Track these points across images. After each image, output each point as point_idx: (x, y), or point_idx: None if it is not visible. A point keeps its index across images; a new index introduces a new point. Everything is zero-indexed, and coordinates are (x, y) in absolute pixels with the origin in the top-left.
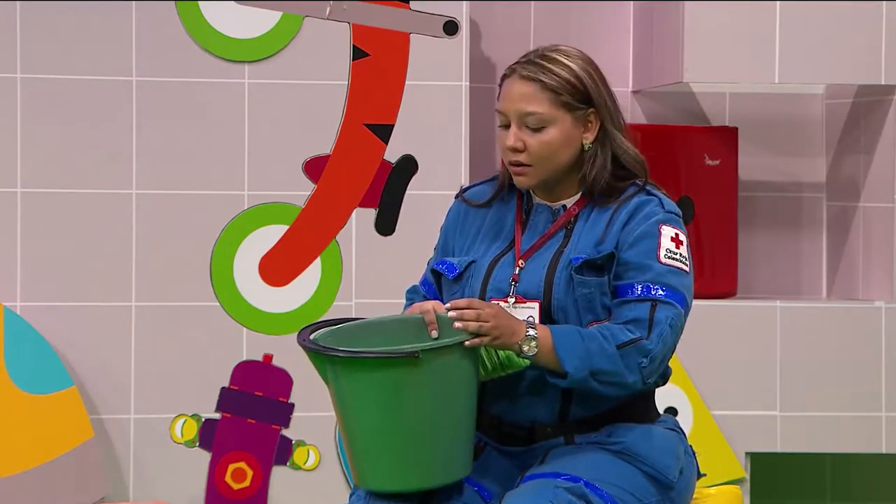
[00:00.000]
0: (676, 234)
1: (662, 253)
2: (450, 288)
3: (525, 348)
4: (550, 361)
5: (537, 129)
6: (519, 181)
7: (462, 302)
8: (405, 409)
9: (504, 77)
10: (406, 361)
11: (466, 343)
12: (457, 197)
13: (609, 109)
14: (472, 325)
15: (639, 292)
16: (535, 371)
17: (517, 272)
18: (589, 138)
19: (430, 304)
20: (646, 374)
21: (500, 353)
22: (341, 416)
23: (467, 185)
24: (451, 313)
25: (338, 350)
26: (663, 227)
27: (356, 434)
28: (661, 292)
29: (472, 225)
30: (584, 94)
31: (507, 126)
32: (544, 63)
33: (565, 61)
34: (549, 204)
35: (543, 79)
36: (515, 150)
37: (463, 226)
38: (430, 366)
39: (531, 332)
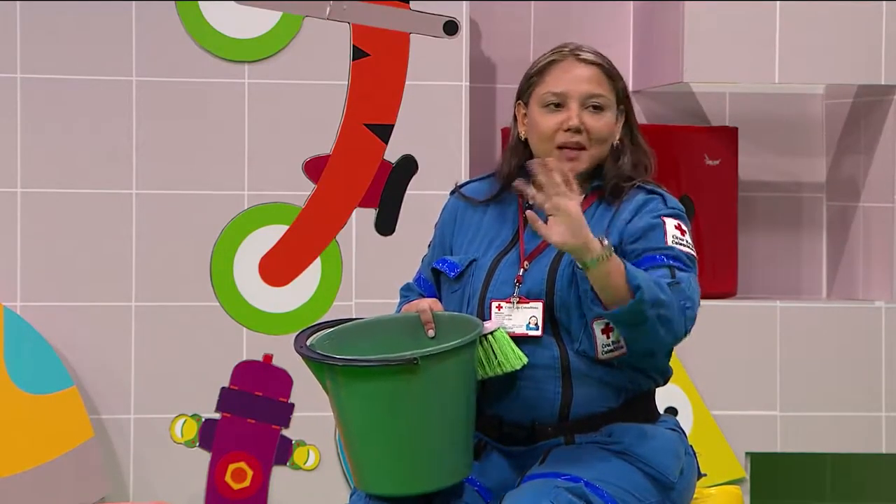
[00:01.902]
0: (679, 224)
1: (670, 239)
2: (450, 286)
3: (598, 253)
4: (617, 280)
5: (598, 113)
6: (573, 165)
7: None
8: (404, 414)
9: (552, 62)
10: (404, 368)
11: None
12: (452, 193)
13: (631, 110)
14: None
15: (653, 261)
16: (534, 370)
17: (521, 273)
18: (617, 136)
19: (426, 303)
20: (688, 318)
21: (498, 352)
22: (341, 423)
23: (463, 181)
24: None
25: (335, 358)
26: (666, 218)
27: (356, 440)
28: (674, 260)
29: (470, 222)
30: (624, 89)
31: (554, 106)
32: (596, 51)
33: (603, 56)
34: None
35: (603, 64)
36: (577, 131)
37: (461, 223)
38: (428, 371)
39: (606, 244)
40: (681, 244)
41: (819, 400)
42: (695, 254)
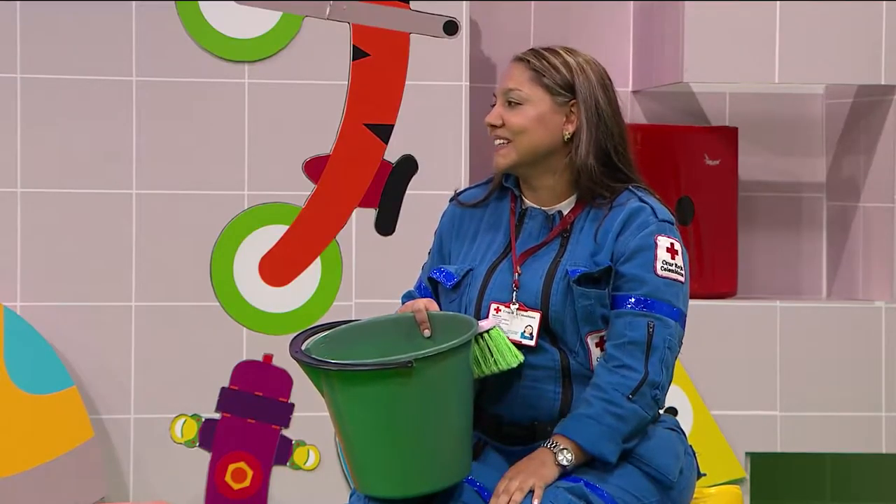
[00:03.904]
0: (672, 245)
1: (659, 265)
2: (448, 296)
3: (562, 461)
4: (587, 458)
5: (515, 106)
6: (496, 161)
7: (499, 490)
8: (401, 417)
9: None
10: (400, 371)
11: None
12: (451, 200)
13: (596, 107)
14: None
15: (635, 306)
16: (534, 370)
17: (516, 278)
18: (569, 129)
19: (422, 303)
20: (660, 403)
21: (495, 350)
22: (338, 427)
23: (461, 188)
24: None
25: (330, 363)
26: (659, 238)
27: (354, 444)
28: (657, 308)
29: (467, 229)
30: (568, 83)
31: (491, 106)
32: (542, 51)
33: (562, 53)
34: (542, 209)
35: (532, 60)
36: (493, 126)
37: (459, 230)
38: (423, 373)
39: (558, 446)
40: (669, 270)
41: (819, 400)
42: (683, 278)
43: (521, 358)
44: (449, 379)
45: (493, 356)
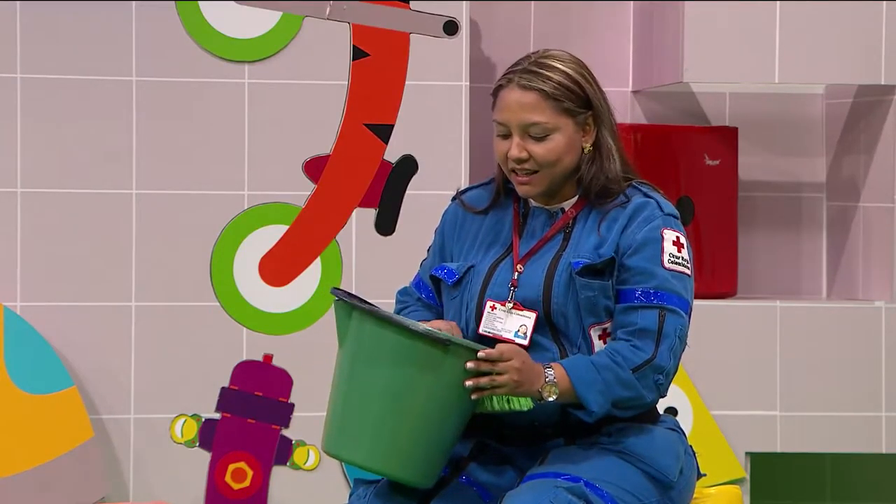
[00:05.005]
0: (678, 238)
1: (666, 258)
2: (449, 293)
3: (545, 395)
4: (572, 400)
5: (541, 138)
6: (523, 190)
7: (493, 352)
8: (415, 393)
9: (500, 87)
10: (434, 346)
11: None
12: (454, 199)
13: (605, 111)
14: (483, 381)
15: (645, 299)
16: None
17: (516, 277)
18: (588, 141)
19: (445, 325)
20: (662, 390)
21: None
22: (343, 378)
23: (464, 187)
24: (468, 364)
25: (377, 309)
26: (665, 231)
27: (352, 396)
28: (667, 300)
29: (469, 229)
30: (584, 99)
31: (505, 136)
32: (541, 70)
33: (561, 67)
34: (546, 207)
35: (544, 87)
36: (520, 161)
37: (460, 230)
38: (452, 361)
39: (549, 376)
40: (676, 263)
41: (819, 400)
42: (689, 271)
43: (532, 405)
44: (462, 380)
45: (506, 398)
